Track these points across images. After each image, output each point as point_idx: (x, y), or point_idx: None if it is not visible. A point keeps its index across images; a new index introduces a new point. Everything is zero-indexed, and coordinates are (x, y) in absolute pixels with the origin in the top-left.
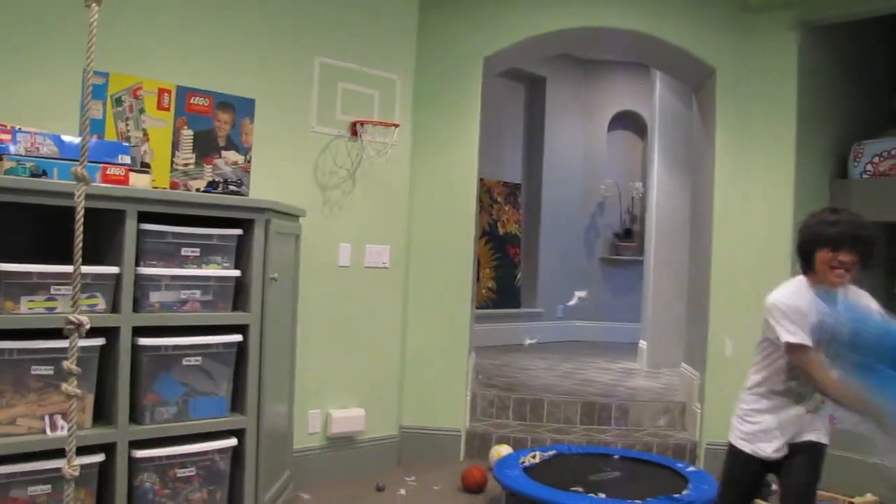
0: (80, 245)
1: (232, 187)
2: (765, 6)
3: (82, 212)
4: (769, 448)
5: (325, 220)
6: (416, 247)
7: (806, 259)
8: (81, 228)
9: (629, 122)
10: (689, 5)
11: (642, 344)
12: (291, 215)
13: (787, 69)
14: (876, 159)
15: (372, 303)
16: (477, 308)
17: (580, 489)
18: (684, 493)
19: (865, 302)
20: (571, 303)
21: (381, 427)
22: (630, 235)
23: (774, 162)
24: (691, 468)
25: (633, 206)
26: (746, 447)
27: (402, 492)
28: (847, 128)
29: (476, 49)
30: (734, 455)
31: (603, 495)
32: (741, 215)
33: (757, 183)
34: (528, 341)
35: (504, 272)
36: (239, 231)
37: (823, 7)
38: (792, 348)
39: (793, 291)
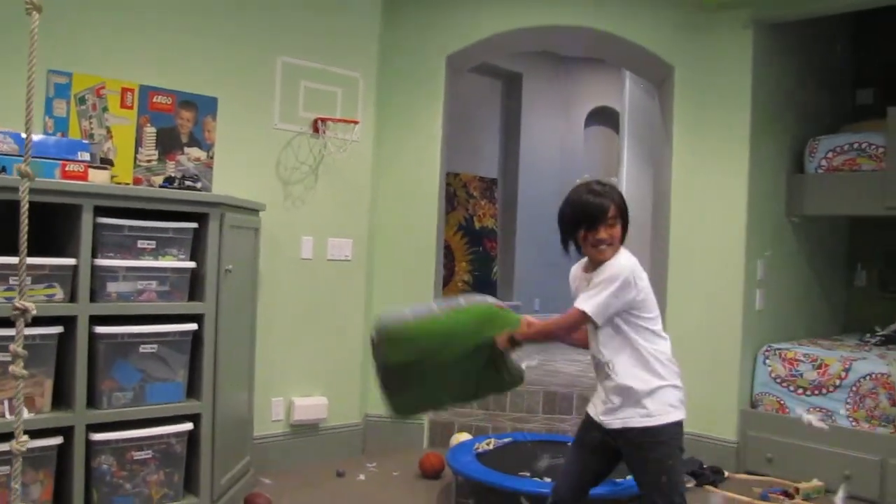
0: (26, 237)
1: (188, 183)
2: (721, 5)
3: (27, 206)
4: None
5: (287, 214)
6: (381, 240)
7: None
8: (27, 222)
9: (606, 118)
10: (649, 4)
11: None
12: (250, 210)
13: (741, 66)
14: (830, 154)
15: (335, 294)
16: None
17: (527, 474)
18: (628, 477)
19: None
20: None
21: (344, 415)
22: None
23: (729, 157)
24: None
25: None
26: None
27: (362, 477)
28: (808, 123)
29: (439, 47)
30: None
31: (548, 479)
32: (697, 209)
33: (712, 177)
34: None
35: (481, 265)
36: (194, 224)
37: (777, 6)
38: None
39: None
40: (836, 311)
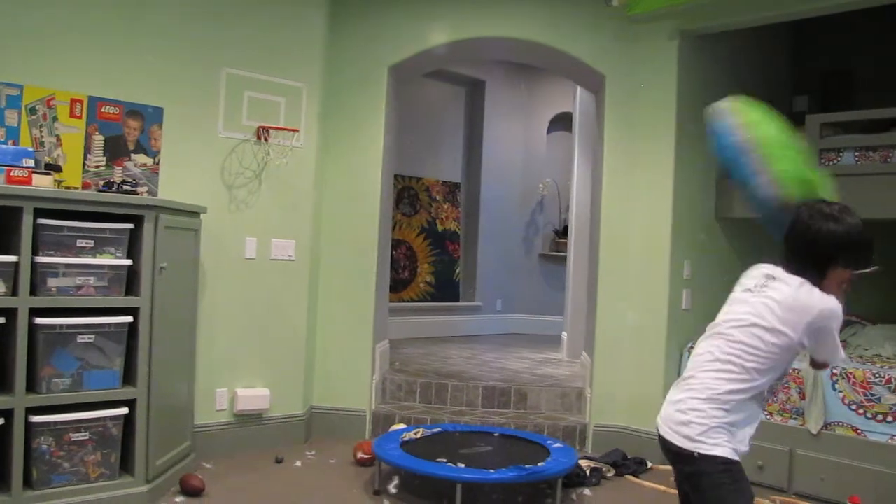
0: None
1: (126, 187)
2: (648, 17)
3: None
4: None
5: (231, 216)
6: (325, 241)
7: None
8: None
9: (567, 124)
10: (582, 17)
11: (563, 335)
12: (189, 212)
13: (667, 75)
14: None
15: (278, 292)
16: (414, 301)
17: (443, 460)
18: (539, 464)
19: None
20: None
21: (287, 406)
22: (568, 233)
23: (656, 162)
24: (557, 444)
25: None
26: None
27: (298, 463)
28: None
29: (381, 59)
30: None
31: (462, 465)
32: (626, 211)
33: (640, 180)
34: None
35: (443, 267)
36: (130, 225)
37: (701, 18)
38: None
39: None
40: None
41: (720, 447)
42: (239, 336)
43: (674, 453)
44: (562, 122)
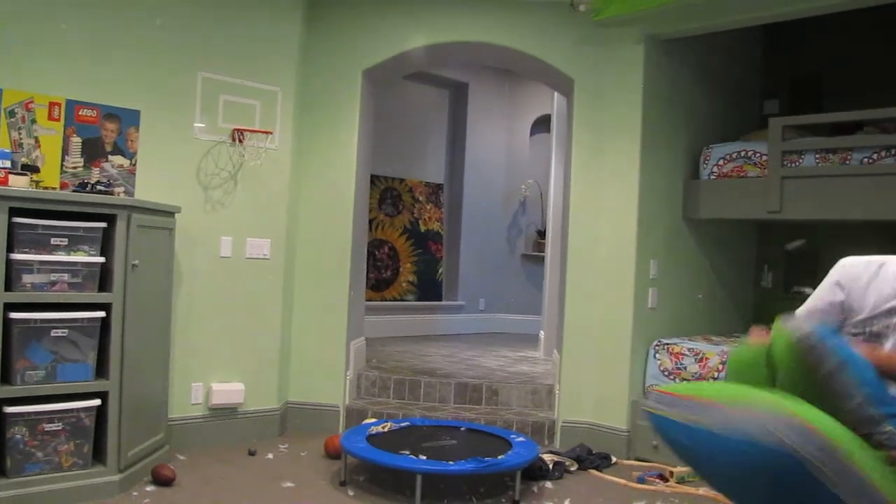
0: None
1: (99, 188)
2: (615, 22)
3: None
4: None
5: (207, 216)
6: (301, 240)
7: None
8: None
9: (550, 126)
10: (551, 22)
11: (541, 333)
12: (163, 212)
13: (633, 79)
14: (721, 162)
15: (253, 290)
16: (397, 300)
17: (406, 452)
18: (499, 457)
19: None
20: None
21: (261, 400)
22: (546, 233)
23: (622, 163)
24: (520, 438)
25: None
26: None
27: (270, 455)
28: (713, 132)
29: (355, 62)
30: None
31: (424, 457)
32: (593, 211)
33: (607, 182)
34: None
35: (426, 267)
36: (103, 224)
37: (666, 23)
38: None
39: None
40: (746, 310)
41: None
42: (214, 332)
43: None
44: (545, 124)
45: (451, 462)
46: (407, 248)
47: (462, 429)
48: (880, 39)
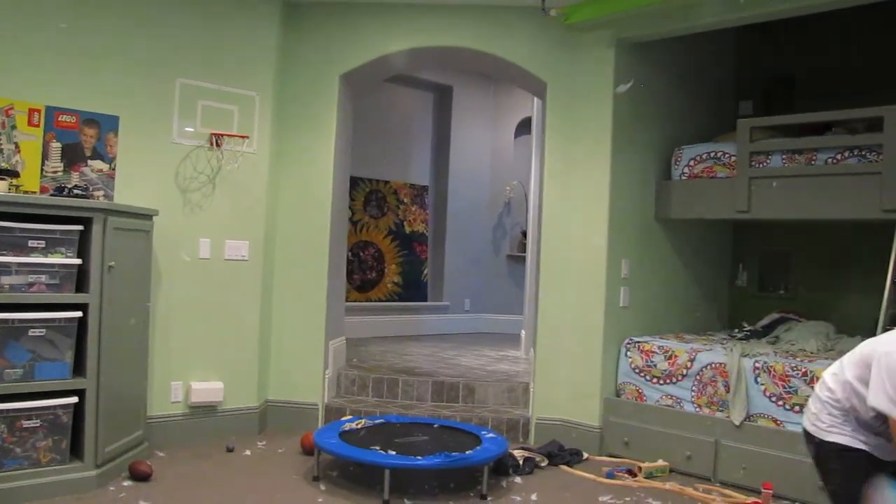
0: None
1: (76, 192)
2: (586, 26)
3: None
4: None
5: (185, 218)
6: (279, 242)
7: None
8: None
9: None
10: (524, 26)
11: (522, 332)
12: (140, 215)
13: (604, 82)
14: (692, 162)
15: (232, 290)
16: (382, 301)
17: (376, 447)
18: (467, 452)
19: None
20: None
21: (240, 399)
22: (527, 233)
23: (594, 164)
24: (490, 434)
25: None
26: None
27: (248, 452)
28: (687, 133)
29: (332, 67)
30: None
31: (393, 452)
32: (565, 211)
33: (579, 182)
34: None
35: (411, 268)
36: (80, 227)
37: (636, 27)
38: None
39: None
40: (721, 308)
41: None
42: (194, 332)
43: None
44: (528, 126)
45: (419, 457)
46: (392, 249)
47: (435, 426)
48: (854, 40)
